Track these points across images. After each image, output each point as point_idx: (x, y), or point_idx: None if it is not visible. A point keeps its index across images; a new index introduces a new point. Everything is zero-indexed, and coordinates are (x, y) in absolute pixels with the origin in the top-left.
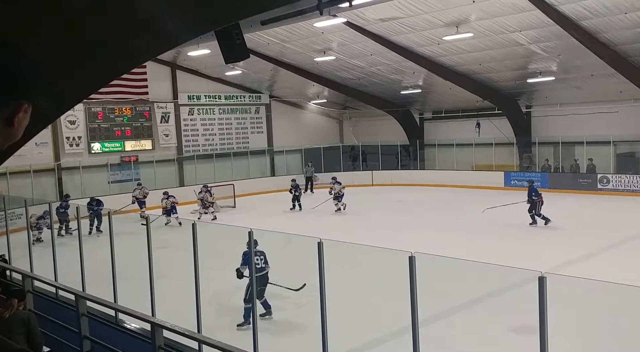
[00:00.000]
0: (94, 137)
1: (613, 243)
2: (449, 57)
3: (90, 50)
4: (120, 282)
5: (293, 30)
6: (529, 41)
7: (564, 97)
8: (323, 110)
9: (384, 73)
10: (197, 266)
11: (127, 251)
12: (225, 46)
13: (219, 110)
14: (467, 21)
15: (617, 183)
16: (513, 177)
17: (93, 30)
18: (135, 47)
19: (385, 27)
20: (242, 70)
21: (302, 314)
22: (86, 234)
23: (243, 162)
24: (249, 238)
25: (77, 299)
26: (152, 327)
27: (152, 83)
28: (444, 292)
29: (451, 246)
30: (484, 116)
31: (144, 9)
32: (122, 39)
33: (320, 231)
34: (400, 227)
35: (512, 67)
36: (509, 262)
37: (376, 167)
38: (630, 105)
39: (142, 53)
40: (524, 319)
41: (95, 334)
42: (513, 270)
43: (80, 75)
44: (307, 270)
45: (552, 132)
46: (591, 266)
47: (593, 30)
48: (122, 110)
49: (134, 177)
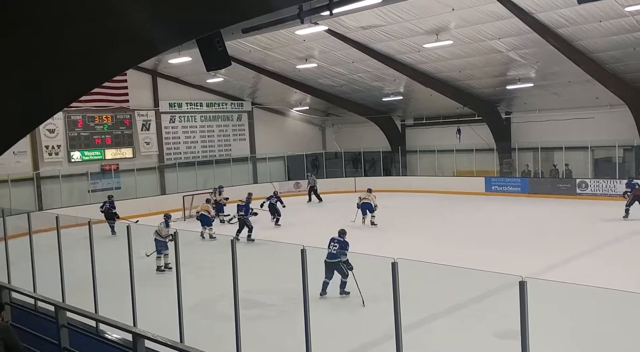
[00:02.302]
0: (74, 146)
1: (592, 247)
2: (430, 65)
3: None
4: (101, 292)
5: (274, 38)
6: (508, 48)
7: (543, 103)
8: (305, 117)
9: (366, 80)
10: (179, 275)
11: (109, 260)
12: (206, 54)
13: (201, 117)
14: (447, 29)
15: (596, 188)
16: (494, 182)
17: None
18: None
19: (367, 35)
20: (223, 78)
21: (286, 321)
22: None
23: (225, 169)
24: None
25: (56, 310)
26: (134, 337)
27: (133, 91)
28: (427, 298)
29: (434, 251)
30: (464, 122)
31: (125, 18)
32: (103, 48)
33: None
34: (382, 234)
35: (491, 74)
36: (491, 267)
37: (359, 173)
38: (606, 112)
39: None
40: (506, 323)
41: (75, 345)
42: (495, 275)
43: (60, 84)
44: (291, 277)
45: (531, 138)
46: (571, 271)
47: (569, 37)
48: (103, 118)
49: (114, 186)
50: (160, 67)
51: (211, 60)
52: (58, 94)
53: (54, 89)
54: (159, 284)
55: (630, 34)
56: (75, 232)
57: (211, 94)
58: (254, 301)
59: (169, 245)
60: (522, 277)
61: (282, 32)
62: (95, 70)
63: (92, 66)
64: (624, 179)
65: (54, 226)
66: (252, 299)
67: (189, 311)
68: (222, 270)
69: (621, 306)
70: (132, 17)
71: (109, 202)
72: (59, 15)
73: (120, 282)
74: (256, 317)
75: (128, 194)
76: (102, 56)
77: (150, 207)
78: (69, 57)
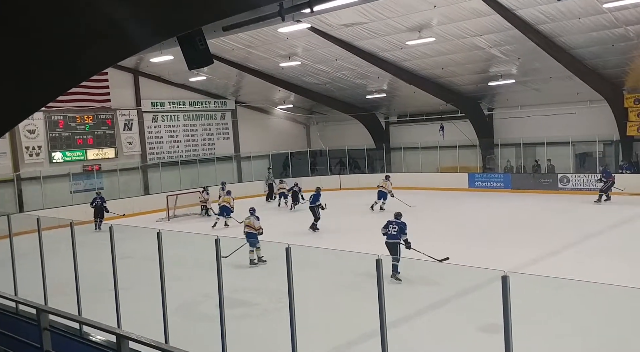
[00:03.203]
0: (55, 146)
1: (575, 241)
2: (413, 62)
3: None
4: (84, 294)
5: (257, 36)
6: (490, 45)
7: (524, 99)
8: (290, 116)
9: (349, 78)
10: (163, 276)
11: (92, 262)
12: (188, 52)
13: (184, 116)
14: (429, 26)
15: (577, 182)
16: (477, 178)
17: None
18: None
19: (349, 33)
20: (206, 76)
21: (272, 320)
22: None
23: (209, 168)
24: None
25: (38, 313)
26: (118, 338)
27: (114, 90)
28: (411, 294)
29: (417, 247)
30: (447, 119)
31: (105, 15)
32: (81, 45)
33: (288, 236)
34: (365, 231)
35: (473, 71)
36: (474, 262)
37: (343, 171)
38: (587, 107)
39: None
40: (490, 317)
41: (58, 348)
42: (478, 270)
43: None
44: (276, 275)
45: (513, 134)
46: (554, 265)
47: (550, 34)
48: (84, 118)
49: (97, 187)
50: (141, 65)
51: (193, 58)
52: (35, 93)
53: (30, 89)
54: (143, 285)
55: (609, 31)
56: (57, 234)
57: (194, 93)
58: (238, 300)
59: (259, 238)
60: (504, 272)
61: (264, 30)
62: (74, 69)
63: (70, 65)
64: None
65: (35, 228)
66: (237, 298)
67: (174, 311)
68: (207, 270)
69: (604, 298)
70: (111, 14)
71: (99, 198)
72: (35, 12)
73: (104, 284)
74: (241, 316)
75: (111, 194)
76: (80, 54)
77: (134, 207)
78: (45, 56)
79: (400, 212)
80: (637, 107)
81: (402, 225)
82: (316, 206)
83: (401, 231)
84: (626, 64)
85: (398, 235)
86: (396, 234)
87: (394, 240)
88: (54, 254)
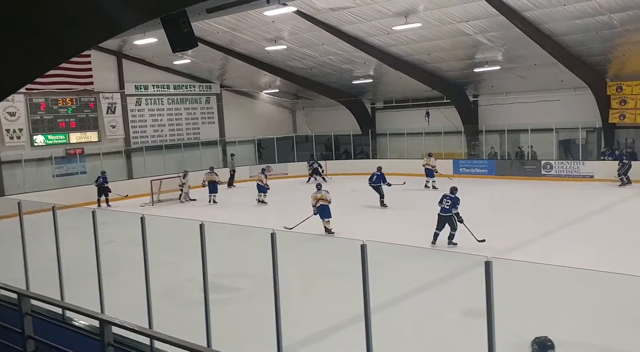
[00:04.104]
0: (37, 129)
1: (557, 227)
2: (399, 47)
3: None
4: (70, 280)
5: (243, 19)
6: (476, 31)
7: (509, 86)
8: (275, 100)
9: (336, 63)
10: (146, 260)
11: (75, 246)
12: (172, 34)
13: (168, 100)
14: (415, 11)
15: (560, 169)
16: (461, 164)
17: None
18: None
19: (336, 17)
20: (191, 59)
21: (256, 305)
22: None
23: (194, 153)
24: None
25: (19, 298)
26: (101, 324)
27: (97, 73)
28: (395, 279)
29: (403, 233)
30: (433, 105)
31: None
32: (63, 25)
33: (273, 222)
34: (353, 217)
35: (459, 57)
36: (459, 248)
37: (329, 157)
38: (571, 94)
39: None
40: (473, 302)
41: (40, 333)
42: (461, 255)
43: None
44: (261, 261)
45: (498, 121)
46: (536, 250)
47: (535, 21)
48: (66, 101)
49: (80, 171)
50: (125, 48)
51: (177, 41)
52: (13, 74)
53: (8, 70)
54: (127, 270)
55: (593, 18)
56: (39, 219)
57: (178, 76)
58: (223, 286)
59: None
60: (487, 257)
61: (250, 13)
62: (54, 49)
63: (50, 45)
64: (587, 160)
65: (17, 212)
66: (222, 283)
67: (158, 296)
68: (192, 255)
69: (586, 283)
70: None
71: (102, 177)
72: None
73: (88, 269)
74: (226, 301)
75: (94, 178)
76: (60, 34)
77: (117, 191)
78: (24, 34)
79: (456, 187)
80: (619, 94)
81: (455, 200)
82: (379, 185)
83: (453, 205)
84: (609, 51)
85: (450, 209)
86: (449, 207)
87: (447, 213)
88: (35, 238)
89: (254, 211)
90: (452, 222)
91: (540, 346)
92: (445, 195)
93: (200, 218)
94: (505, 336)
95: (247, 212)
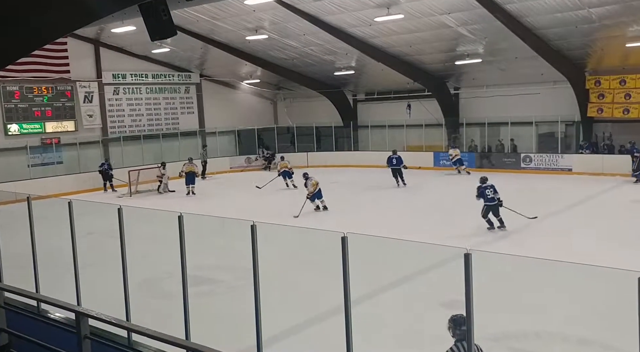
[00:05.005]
0: (11, 118)
1: (538, 219)
2: (381, 39)
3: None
4: (46, 272)
5: (223, 8)
6: (457, 24)
7: (490, 79)
8: (256, 91)
9: (317, 54)
10: (124, 252)
11: (51, 238)
12: (150, 22)
13: (146, 89)
14: (397, 2)
15: (539, 162)
16: (442, 157)
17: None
18: (50, 21)
19: (318, 7)
20: (170, 48)
21: (236, 298)
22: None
23: (173, 143)
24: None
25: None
26: (77, 316)
27: (74, 61)
28: (374, 271)
29: (384, 225)
30: (414, 98)
31: None
32: (38, 10)
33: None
34: (332, 209)
35: (441, 49)
36: (439, 240)
37: (311, 148)
38: (551, 88)
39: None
40: (452, 294)
41: (15, 326)
42: (442, 247)
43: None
44: (241, 253)
45: (478, 114)
46: (516, 242)
47: (517, 14)
48: (42, 89)
49: (56, 161)
50: (103, 36)
51: (155, 29)
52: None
53: None
54: (104, 262)
55: (573, 12)
56: (13, 209)
57: (157, 65)
58: (202, 278)
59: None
60: (467, 249)
61: (230, 2)
62: (28, 35)
63: (24, 30)
64: (566, 153)
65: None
66: (201, 276)
67: (136, 288)
68: (170, 247)
69: (564, 275)
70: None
71: (107, 164)
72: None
73: (64, 261)
74: (205, 293)
75: (71, 168)
76: (35, 19)
77: (94, 182)
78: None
79: (486, 176)
80: (598, 88)
81: (494, 187)
82: (398, 168)
83: (496, 192)
84: (588, 46)
85: (495, 196)
86: (493, 196)
87: (493, 202)
88: (10, 229)
89: (235, 202)
90: (498, 208)
91: (455, 323)
92: (484, 186)
93: (186, 210)
94: (486, 328)
95: (227, 203)
